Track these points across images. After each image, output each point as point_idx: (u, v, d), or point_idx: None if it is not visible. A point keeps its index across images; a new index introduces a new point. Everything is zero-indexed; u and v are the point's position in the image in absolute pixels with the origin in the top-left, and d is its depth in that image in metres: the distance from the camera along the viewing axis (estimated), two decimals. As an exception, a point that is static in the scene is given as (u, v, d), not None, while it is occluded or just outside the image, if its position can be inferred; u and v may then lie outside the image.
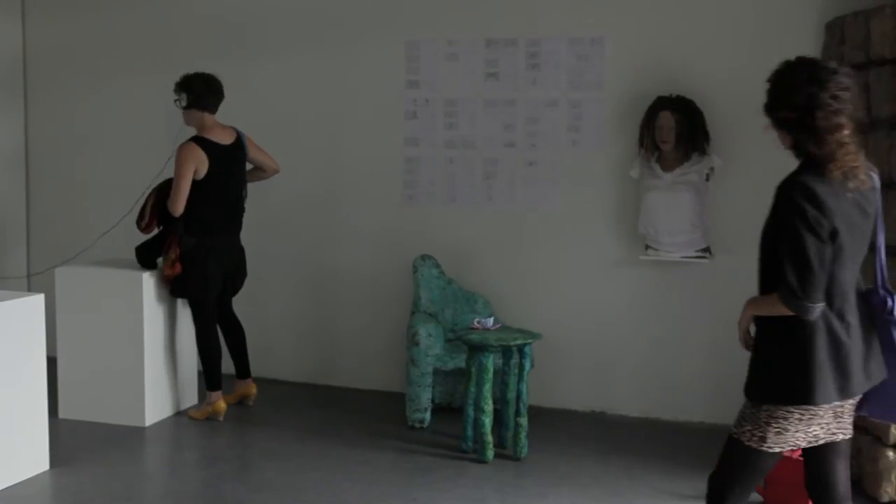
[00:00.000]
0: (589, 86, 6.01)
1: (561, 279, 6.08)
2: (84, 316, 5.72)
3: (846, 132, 3.00)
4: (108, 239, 6.38)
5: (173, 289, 5.77)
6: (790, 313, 3.00)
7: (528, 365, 5.29)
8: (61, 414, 5.73)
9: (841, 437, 3.18)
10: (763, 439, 3.10)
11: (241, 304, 6.27)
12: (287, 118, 6.62)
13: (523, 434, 5.22)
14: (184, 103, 5.65)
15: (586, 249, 6.05)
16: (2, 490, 4.68)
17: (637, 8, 5.87)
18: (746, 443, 3.13)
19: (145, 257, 5.78)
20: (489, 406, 5.15)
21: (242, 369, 6.11)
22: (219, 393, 5.82)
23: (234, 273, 5.90)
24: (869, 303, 3.15)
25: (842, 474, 3.25)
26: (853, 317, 3.09)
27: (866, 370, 3.11)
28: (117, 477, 4.94)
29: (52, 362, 5.26)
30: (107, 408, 5.71)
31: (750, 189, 5.48)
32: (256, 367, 6.30)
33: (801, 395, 3.03)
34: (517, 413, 5.25)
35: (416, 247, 6.30)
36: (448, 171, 6.33)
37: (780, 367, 3.07)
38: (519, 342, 5.22)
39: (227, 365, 6.04)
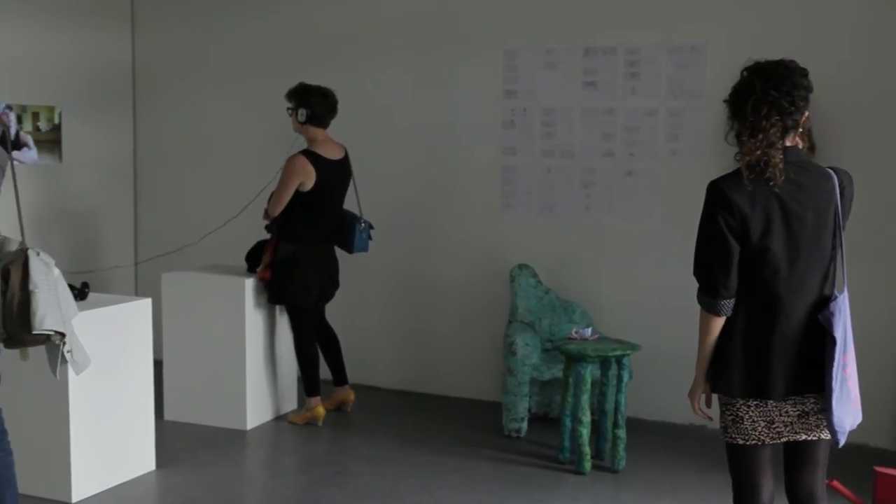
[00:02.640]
0: (689, 94, 5.94)
1: (660, 290, 6.00)
2: (189, 320, 5.86)
3: (773, 129, 2.93)
4: (217, 245, 6.54)
5: (272, 296, 5.87)
6: (709, 316, 3.07)
7: (626, 376, 5.25)
8: (167, 416, 5.88)
9: (804, 437, 3.09)
10: (725, 429, 3.12)
11: (339, 312, 6.36)
12: (386, 127, 6.70)
13: (621, 446, 5.17)
14: (302, 119, 5.73)
15: (686, 260, 5.94)
16: (111, 488, 4.82)
17: (738, 14, 5.79)
18: (723, 438, 3.16)
19: (254, 263, 5.91)
20: (587, 417, 5.12)
21: (339, 376, 6.19)
22: (318, 398, 5.90)
23: (328, 283, 5.98)
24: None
25: (805, 478, 3.16)
26: (791, 320, 3.01)
27: (796, 377, 3.01)
28: (219, 478, 5.05)
29: (158, 365, 5.39)
30: (210, 410, 5.85)
31: (859, 192, 5.33)
32: (354, 374, 6.37)
33: (723, 385, 3.08)
34: (615, 424, 5.21)
35: (513, 256, 6.30)
36: (546, 181, 6.32)
37: (715, 357, 3.11)
38: (617, 353, 5.18)
39: (326, 371, 6.13)
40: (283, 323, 6.06)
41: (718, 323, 3.08)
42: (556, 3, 6.23)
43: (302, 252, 5.76)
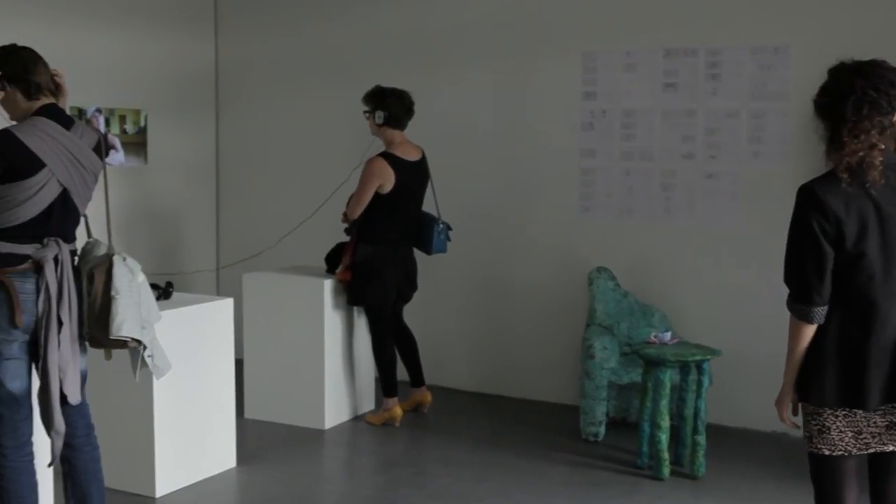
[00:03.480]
0: (772, 96, 5.84)
1: (741, 295, 5.91)
2: (269, 320, 5.95)
3: (873, 130, 2.85)
4: (296, 246, 6.64)
5: (351, 297, 5.92)
6: (801, 324, 3.00)
7: (706, 381, 5.17)
8: (247, 414, 5.97)
9: (892, 448, 2.98)
10: (811, 439, 3.04)
11: (417, 314, 6.39)
12: (464, 129, 6.71)
13: (701, 452, 5.10)
14: (379, 121, 5.78)
15: (767, 265, 5.85)
16: (193, 484, 4.91)
17: (823, 13, 5.67)
18: (807, 448, 3.07)
19: (333, 264, 5.97)
20: (666, 422, 5.06)
21: (416, 377, 6.22)
22: (395, 399, 5.94)
23: (407, 284, 6.01)
24: None
25: (891, 490, 3.05)
26: (886, 328, 2.91)
27: (891, 386, 2.91)
28: (298, 477, 5.11)
29: (238, 364, 5.47)
30: (289, 409, 5.92)
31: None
32: (431, 375, 6.40)
33: (815, 394, 2.99)
34: (695, 430, 5.14)
35: (591, 259, 6.26)
36: (625, 183, 6.27)
37: (805, 365, 3.03)
38: (697, 358, 5.12)
39: (403, 373, 6.17)
40: (362, 324, 6.11)
41: (810, 331, 3.00)
42: (635, 5, 6.18)
43: (381, 254, 5.80)
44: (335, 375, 5.95)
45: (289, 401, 5.92)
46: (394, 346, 6.04)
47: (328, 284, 5.87)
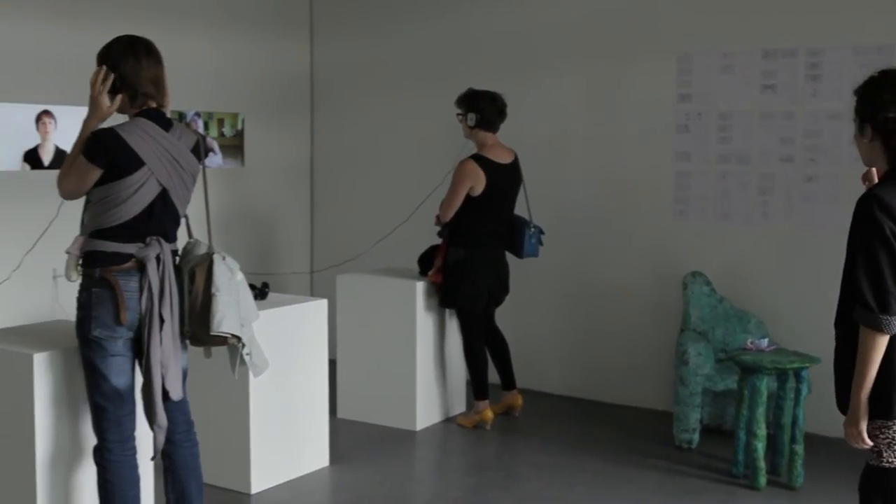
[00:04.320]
0: (876, 97, 5.68)
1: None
2: (362, 321, 6.01)
3: None
4: (388, 248, 6.69)
5: (442, 299, 5.95)
6: (875, 335, 2.89)
7: (804, 390, 5.06)
8: (339, 414, 6.04)
9: None
10: (880, 454, 3.00)
11: (508, 317, 6.38)
12: (557, 131, 6.68)
13: (799, 462, 4.99)
14: (471, 123, 5.79)
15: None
16: (287, 482, 4.99)
17: (933, 13, 5.51)
18: (871, 462, 3.03)
19: (426, 266, 6.00)
20: (762, 431, 4.96)
21: (508, 380, 6.21)
22: (486, 402, 5.94)
23: (498, 287, 6.00)
24: None
25: None
26: None
27: None
28: (390, 477, 5.15)
29: (331, 364, 5.53)
30: (381, 410, 5.97)
31: None
32: (522, 378, 6.38)
33: (883, 408, 2.95)
34: (792, 440, 5.03)
35: (686, 263, 6.17)
36: (721, 187, 6.17)
37: (887, 382, 2.95)
38: (795, 366, 5.00)
39: (495, 375, 6.17)
40: (454, 326, 6.13)
41: (884, 342, 2.92)
42: (732, 5, 6.08)
43: (472, 256, 5.81)
44: (427, 377, 5.98)
45: (381, 401, 5.97)
46: (485, 348, 6.04)
47: (420, 286, 5.90)
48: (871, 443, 3.03)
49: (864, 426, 3.01)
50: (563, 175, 6.65)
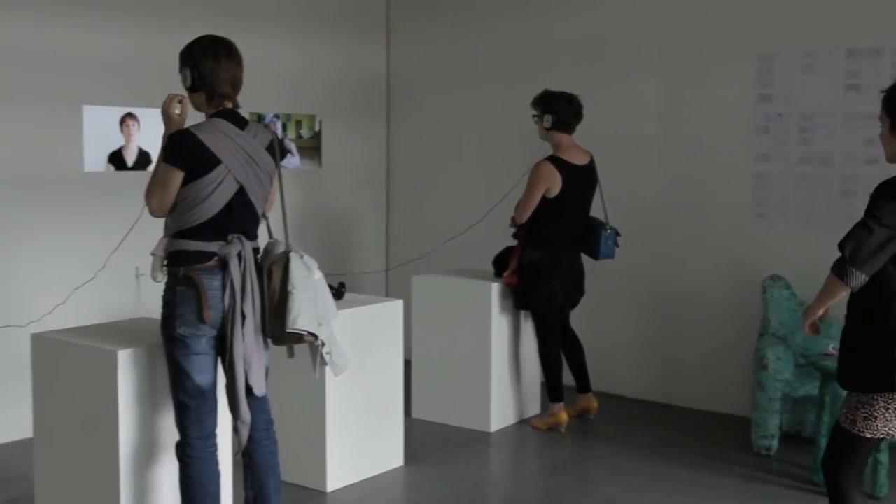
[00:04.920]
0: (966, 97, 5.52)
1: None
2: (437, 322, 6.03)
3: None
4: (464, 249, 6.71)
5: (517, 301, 5.94)
6: (838, 288, 3.38)
7: (889, 397, 4.93)
8: (414, 414, 6.07)
9: None
10: (854, 422, 3.39)
11: (584, 319, 6.35)
12: (633, 132, 6.63)
13: (883, 471, 4.87)
14: (547, 124, 5.78)
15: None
16: (362, 481, 5.03)
17: None
18: (842, 424, 3.43)
19: (501, 268, 6.00)
20: (844, 438, 4.85)
21: (582, 383, 6.17)
22: (561, 405, 5.91)
23: (574, 289, 5.97)
24: None
25: None
26: None
27: None
28: (464, 478, 5.16)
29: (406, 365, 5.55)
30: (455, 411, 5.99)
31: None
32: (597, 381, 6.34)
33: (877, 383, 3.32)
34: (876, 448, 4.91)
35: (765, 266, 6.07)
36: (802, 189, 6.05)
37: (862, 357, 3.38)
38: (879, 372, 4.88)
39: (570, 378, 6.14)
40: (528, 328, 6.12)
41: (841, 291, 3.38)
42: (815, 3, 5.96)
43: (548, 258, 5.79)
44: (501, 379, 5.98)
45: (455, 402, 5.99)
46: (560, 351, 6.01)
47: (495, 288, 5.90)
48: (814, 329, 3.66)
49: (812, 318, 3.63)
50: (640, 176, 6.59)
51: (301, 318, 3.60)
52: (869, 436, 3.37)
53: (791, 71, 6.06)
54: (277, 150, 3.78)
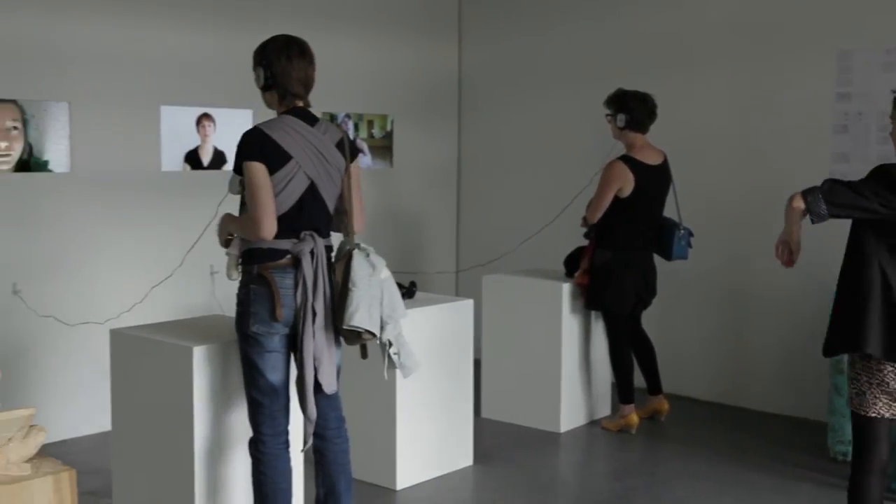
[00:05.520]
0: None
1: None
2: (507, 322, 6.02)
3: None
4: (534, 249, 6.69)
5: (588, 301, 5.90)
6: (796, 204, 3.59)
7: (971, 403, 4.80)
8: (484, 413, 6.08)
9: None
10: (850, 399, 3.56)
11: (655, 320, 6.30)
12: (707, 131, 6.55)
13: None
14: (621, 124, 5.74)
15: None
16: (431, 479, 5.05)
17: None
18: (847, 406, 3.61)
19: (572, 268, 5.98)
20: (924, 445, 4.74)
21: (653, 385, 6.12)
22: (631, 406, 5.87)
23: (645, 290, 5.92)
24: None
25: None
26: None
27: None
28: (533, 479, 5.15)
29: (476, 364, 5.56)
30: (525, 411, 5.98)
31: None
32: (668, 383, 6.28)
33: (851, 340, 3.46)
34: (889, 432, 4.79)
35: (838, 269, 5.93)
36: (882, 189, 5.91)
37: (840, 318, 3.58)
38: (962, 378, 4.75)
39: (640, 379, 6.08)
40: (599, 328, 6.08)
41: (797, 213, 3.63)
42: (897, 0, 5.83)
43: (619, 258, 5.75)
44: (571, 379, 5.95)
45: (525, 402, 5.98)
46: (631, 352, 5.97)
47: (566, 288, 5.88)
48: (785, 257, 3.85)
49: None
50: (715, 176, 6.50)
51: (357, 315, 3.59)
52: (872, 415, 3.49)
53: (871, 69, 5.93)
54: (347, 147, 3.80)
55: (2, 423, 2.88)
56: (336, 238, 3.83)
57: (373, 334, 3.68)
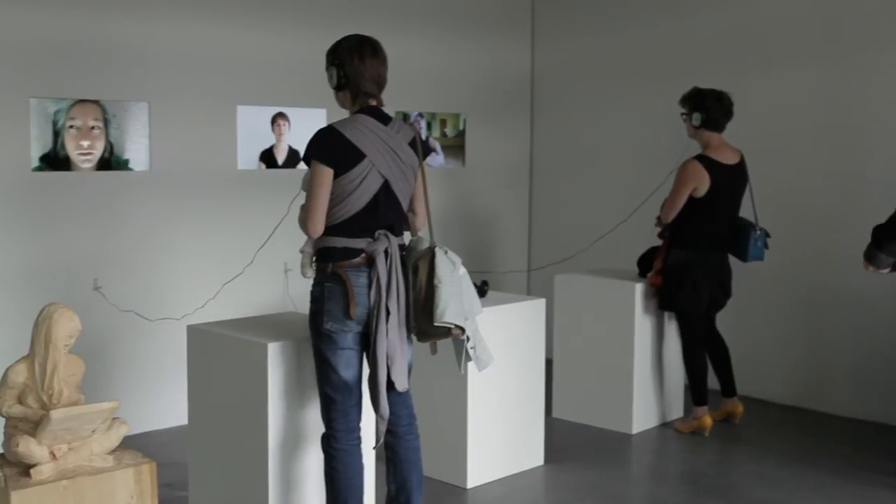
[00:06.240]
0: None
1: None
2: (579, 321, 5.99)
3: None
4: (606, 249, 6.65)
5: (661, 301, 5.85)
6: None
7: None
8: (554, 413, 6.06)
9: None
10: None
11: (730, 321, 6.21)
12: (786, 130, 6.43)
13: None
14: (696, 123, 5.67)
15: None
16: (501, 478, 5.04)
17: None
18: None
19: (645, 268, 5.93)
20: None
21: (727, 387, 6.03)
22: (705, 408, 5.80)
23: (720, 291, 5.84)
24: None
25: None
26: None
27: None
28: (605, 479, 5.12)
29: (548, 363, 5.53)
30: (596, 411, 5.94)
31: None
32: (743, 385, 6.19)
33: None
34: None
35: (925, 270, 5.79)
36: (967, 189, 5.76)
37: None
38: None
39: (714, 381, 6.00)
40: (672, 329, 6.02)
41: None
42: None
43: (694, 259, 5.68)
44: (644, 380, 5.90)
45: (596, 403, 5.94)
46: (705, 353, 5.89)
47: (639, 288, 5.83)
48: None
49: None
50: (794, 176, 6.38)
51: (448, 311, 3.64)
52: None
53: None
54: (420, 146, 3.82)
55: (86, 415, 2.95)
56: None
57: (462, 329, 3.70)
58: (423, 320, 3.70)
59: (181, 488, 4.59)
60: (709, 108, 5.63)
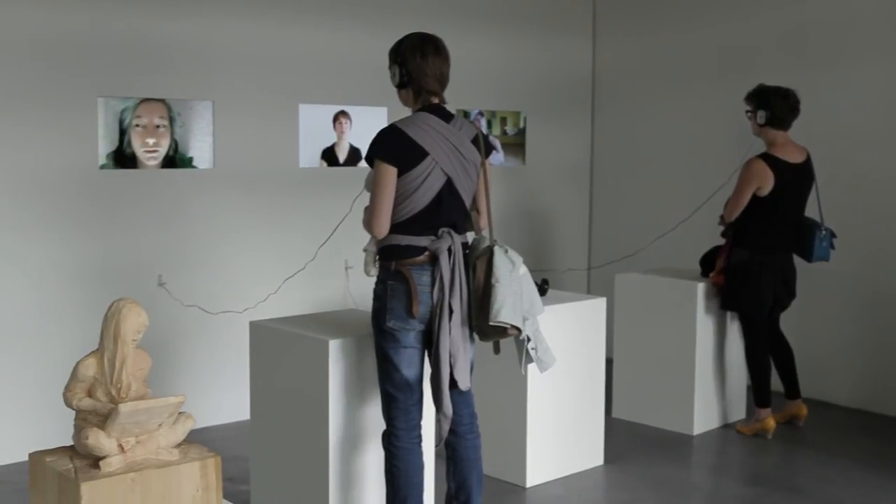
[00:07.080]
0: None
1: None
2: (640, 321, 5.95)
3: None
4: (668, 248, 6.59)
5: (724, 301, 5.78)
6: None
7: None
8: (614, 413, 6.02)
9: None
10: None
11: (794, 322, 6.12)
12: (854, 129, 6.30)
13: None
14: (761, 121, 5.59)
15: None
16: (561, 478, 5.03)
17: None
18: None
19: (708, 267, 5.87)
20: None
21: (791, 389, 5.94)
22: (768, 410, 5.72)
23: (784, 291, 5.76)
24: None
25: None
26: None
27: None
28: (665, 480, 5.07)
29: (608, 363, 5.50)
30: (657, 412, 5.89)
31: None
32: (807, 387, 6.09)
33: None
34: None
35: None
36: None
37: None
38: None
39: (777, 383, 5.92)
40: (735, 330, 5.95)
41: None
42: None
43: (757, 258, 5.61)
44: (705, 381, 5.84)
45: (657, 403, 5.89)
46: (768, 354, 5.81)
47: (701, 287, 5.77)
48: None
49: None
50: (861, 175, 6.26)
51: (504, 310, 3.62)
52: None
53: None
54: (482, 143, 3.81)
55: (154, 409, 2.99)
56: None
57: (518, 329, 3.69)
58: (479, 319, 3.69)
59: (243, 482, 4.65)
60: (774, 105, 5.55)
